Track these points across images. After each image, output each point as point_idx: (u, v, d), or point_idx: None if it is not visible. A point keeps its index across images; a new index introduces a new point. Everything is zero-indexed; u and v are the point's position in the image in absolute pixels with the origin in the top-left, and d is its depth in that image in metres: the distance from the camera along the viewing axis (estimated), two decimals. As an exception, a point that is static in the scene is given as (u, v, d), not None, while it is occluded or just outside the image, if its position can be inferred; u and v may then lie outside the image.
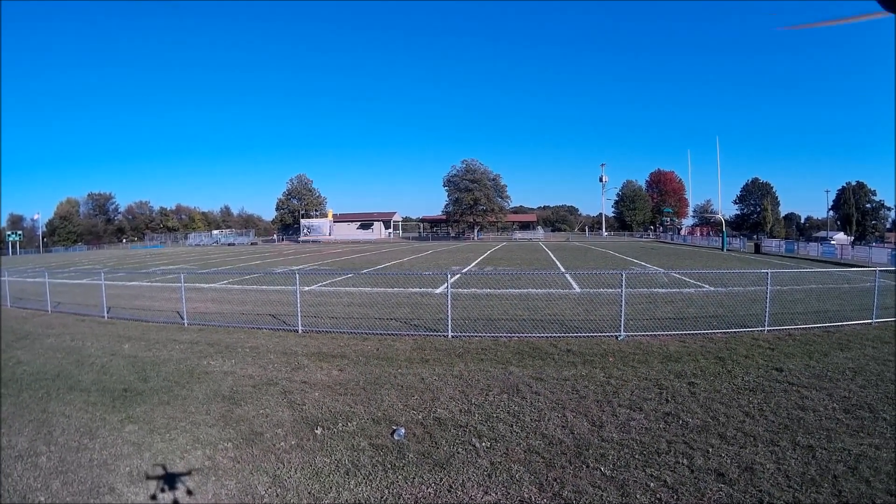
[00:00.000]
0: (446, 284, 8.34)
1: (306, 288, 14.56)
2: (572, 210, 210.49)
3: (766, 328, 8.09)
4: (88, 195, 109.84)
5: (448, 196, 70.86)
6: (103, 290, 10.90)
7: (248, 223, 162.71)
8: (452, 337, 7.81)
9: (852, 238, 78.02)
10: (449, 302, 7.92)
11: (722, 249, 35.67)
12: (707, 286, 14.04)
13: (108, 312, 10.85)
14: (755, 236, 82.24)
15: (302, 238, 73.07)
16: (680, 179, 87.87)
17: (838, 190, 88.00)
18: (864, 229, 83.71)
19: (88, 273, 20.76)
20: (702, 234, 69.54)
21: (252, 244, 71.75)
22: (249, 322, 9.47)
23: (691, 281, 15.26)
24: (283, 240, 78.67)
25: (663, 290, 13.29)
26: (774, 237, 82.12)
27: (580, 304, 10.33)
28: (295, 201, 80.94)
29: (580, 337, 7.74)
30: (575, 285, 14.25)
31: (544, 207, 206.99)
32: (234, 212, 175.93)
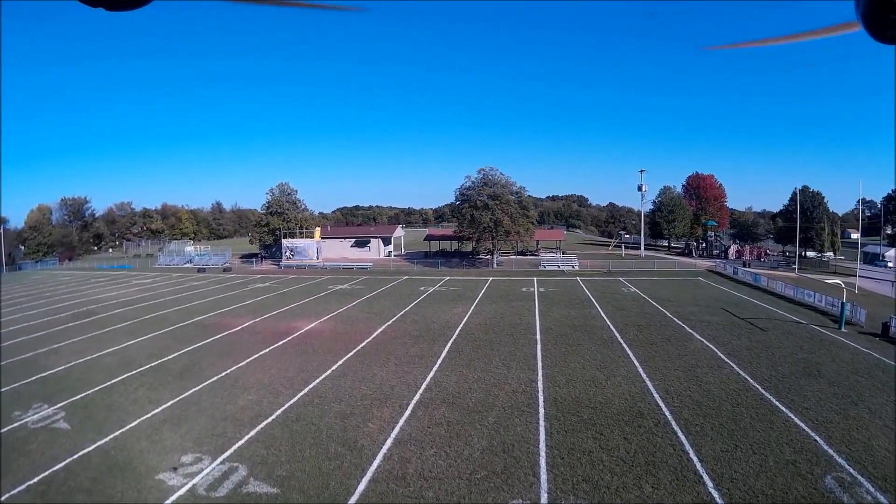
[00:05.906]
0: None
1: None
2: (581, 201, 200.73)
3: None
4: (62, 200, 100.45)
5: (462, 211, 55.34)
6: None
7: (240, 220, 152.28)
8: None
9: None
10: None
11: (839, 327, 26.53)
12: None
13: None
14: (803, 252, 73.16)
15: (284, 263, 62.84)
16: (720, 185, 78.50)
17: (884, 198, 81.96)
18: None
19: None
20: (751, 255, 60.14)
21: (225, 269, 61.78)
22: None
23: None
24: (262, 260, 68.60)
25: None
26: (824, 250, 73.07)
27: None
28: (276, 217, 68.41)
29: None
30: None
31: (553, 198, 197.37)
32: (227, 207, 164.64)
